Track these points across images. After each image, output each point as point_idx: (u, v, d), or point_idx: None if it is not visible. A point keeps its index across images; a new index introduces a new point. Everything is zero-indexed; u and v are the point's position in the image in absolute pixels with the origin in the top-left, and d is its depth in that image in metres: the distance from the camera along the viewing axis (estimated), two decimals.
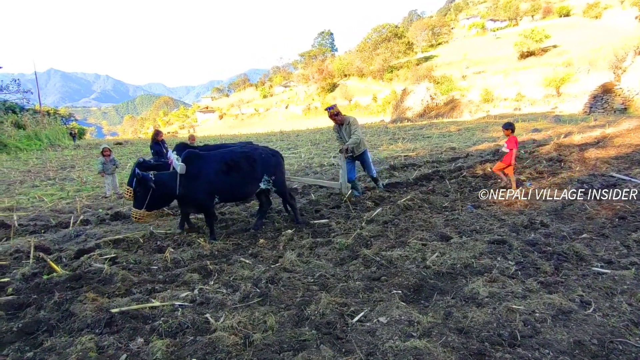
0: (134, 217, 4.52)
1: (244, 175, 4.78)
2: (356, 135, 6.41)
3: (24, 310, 3.14)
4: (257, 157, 4.92)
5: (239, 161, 4.78)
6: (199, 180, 4.53)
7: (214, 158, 4.73)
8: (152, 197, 4.44)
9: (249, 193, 5.02)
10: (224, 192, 4.72)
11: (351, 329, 2.65)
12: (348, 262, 3.85)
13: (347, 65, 73.88)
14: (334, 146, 16.16)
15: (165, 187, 4.49)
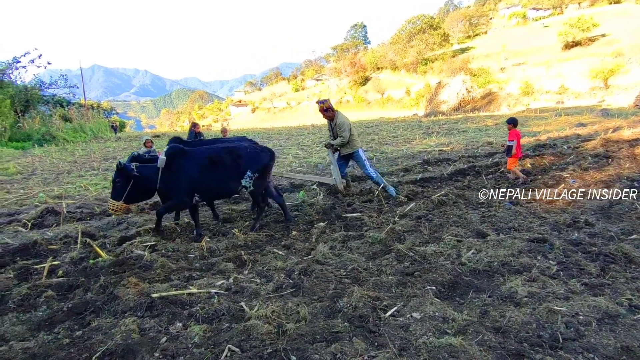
0: (111, 209, 4.44)
1: (227, 172, 4.63)
2: (342, 137, 6.27)
3: (73, 291, 3.35)
4: (243, 153, 4.73)
5: (222, 157, 4.64)
6: (179, 176, 4.45)
7: (197, 154, 4.62)
8: (132, 189, 4.37)
9: (231, 190, 4.88)
10: (204, 189, 4.61)
11: (384, 323, 2.64)
12: (381, 257, 3.83)
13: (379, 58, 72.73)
14: (365, 139, 16.03)
15: (146, 180, 4.41)
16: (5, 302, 3.21)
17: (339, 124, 6.33)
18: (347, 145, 6.36)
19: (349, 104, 69.03)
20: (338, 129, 6.33)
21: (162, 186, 4.46)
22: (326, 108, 6.39)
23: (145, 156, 4.81)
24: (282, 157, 12.23)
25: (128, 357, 2.36)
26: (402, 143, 14.10)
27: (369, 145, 14.12)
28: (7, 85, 22.80)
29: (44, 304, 3.15)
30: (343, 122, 6.34)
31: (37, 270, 3.84)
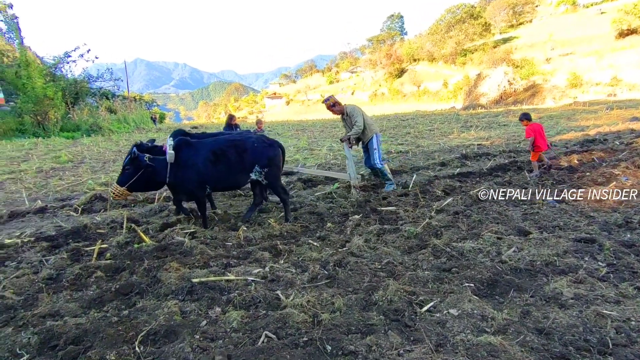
0: (113, 192, 4.46)
1: (232, 165, 4.64)
2: (356, 126, 6.12)
3: (119, 273, 3.54)
4: (249, 147, 4.73)
5: (227, 150, 4.65)
6: (188, 169, 4.50)
7: (203, 146, 4.65)
8: (139, 178, 4.42)
9: (239, 183, 4.91)
10: (213, 181, 4.64)
11: (420, 318, 2.61)
12: (416, 251, 3.77)
13: (416, 49, 70.95)
14: (400, 133, 15.77)
15: (155, 172, 4.47)
16: (59, 280, 3.45)
17: (349, 112, 6.22)
18: (364, 132, 6.24)
19: (383, 97, 68.04)
20: (350, 118, 6.20)
21: (174, 180, 4.51)
22: (333, 103, 6.27)
23: (148, 145, 4.83)
24: (317, 150, 12.26)
25: (171, 338, 2.47)
26: (438, 137, 13.76)
27: (405, 138, 13.88)
28: (59, 79, 24.20)
29: (93, 283, 3.35)
30: (354, 109, 6.24)
31: (88, 252, 4.09)
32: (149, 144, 4.87)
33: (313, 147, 12.95)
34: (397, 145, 12.25)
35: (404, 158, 9.56)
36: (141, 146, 4.70)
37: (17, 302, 3.05)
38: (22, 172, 9.16)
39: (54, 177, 8.64)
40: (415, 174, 7.30)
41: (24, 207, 6.08)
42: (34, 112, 20.27)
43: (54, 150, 13.58)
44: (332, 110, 6.33)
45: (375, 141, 6.28)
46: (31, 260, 3.94)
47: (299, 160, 10.07)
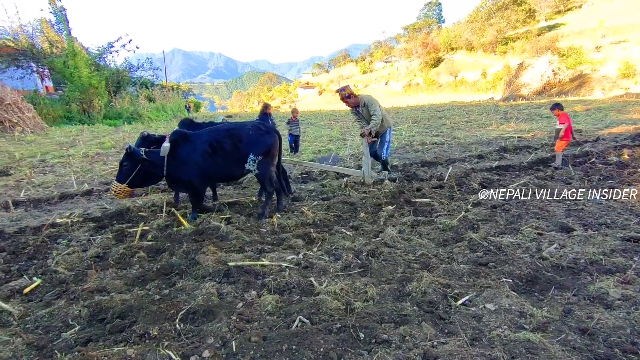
0: (114, 191, 4.42)
1: (228, 156, 4.50)
2: (376, 117, 5.88)
3: (160, 254, 3.70)
4: (244, 136, 4.56)
5: (222, 141, 4.50)
6: (185, 161, 4.41)
7: (198, 138, 4.53)
8: (138, 174, 4.34)
9: (234, 174, 4.77)
10: (211, 172, 4.56)
11: (455, 311, 2.57)
12: (452, 244, 3.70)
13: (454, 37, 68.51)
14: (436, 124, 15.38)
15: (153, 166, 4.39)
16: (106, 258, 3.65)
17: (367, 103, 5.98)
18: (381, 124, 6.07)
19: (418, 87, 66.51)
20: (369, 108, 5.96)
21: (171, 172, 4.42)
22: (348, 95, 6.04)
23: (154, 136, 4.78)
24: (351, 140, 12.20)
25: (209, 317, 2.57)
26: (476, 128, 13.31)
27: (440, 130, 13.53)
28: (103, 68, 25.27)
29: (136, 263, 3.53)
30: (370, 99, 6.01)
31: (131, 233, 4.29)
32: (155, 135, 4.82)
33: (346, 137, 12.88)
34: (432, 136, 11.97)
35: (439, 150, 9.33)
36: (148, 137, 4.67)
37: (69, 277, 3.26)
38: (70, 157, 9.70)
39: (99, 162, 9.09)
40: (450, 166, 7.12)
41: (73, 190, 6.45)
42: (80, 100, 21.33)
43: (98, 137, 14.26)
44: (346, 102, 6.06)
45: (389, 134, 6.19)
46: (80, 239, 4.20)
47: (331, 150, 10.06)
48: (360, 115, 6.21)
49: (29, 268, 3.51)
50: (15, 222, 4.92)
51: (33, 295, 3.02)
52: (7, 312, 2.70)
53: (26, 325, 2.58)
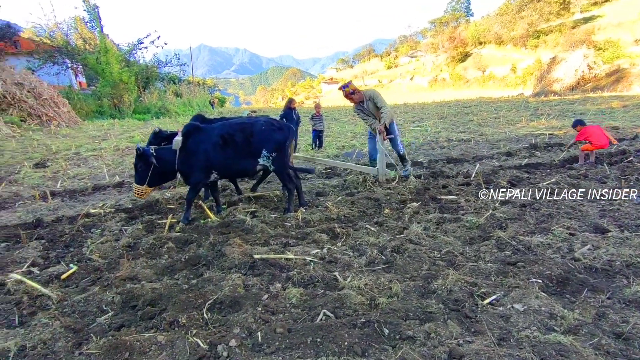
0: (136, 193, 4.49)
1: (239, 150, 4.47)
2: (385, 108, 5.69)
3: (188, 245, 3.80)
4: (256, 131, 4.54)
5: (234, 135, 4.48)
6: (196, 154, 4.40)
7: (211, 132, 4.51)
8: (154, 172, 4.37)
9: (246, 169, 4.70)
10: (220, 167, 4.52)
11: (481, 310, 2.53)
12: (478, 242, 3.63)
13: (483, 31, 66.58)
14: (462, 120, 15.06)
15: (165, 162, 4.39)
16: (137, 248, 3.78)
17: (373, 96, 5.79)
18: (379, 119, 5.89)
19: (444, 82, 65.17)
20: (375, 101, 5.77)
21: (180, 166, 4.43)
22: (352, 91, 5.86)
23: (166, 132, 4.79)
24: None
25: (235, 307, 2.63)
26: (504, 125, 12.95)
27: (467, 126, 13.24)
28: (133, 64, 25.99)
29: (166, 253, 3.64)
30: (375, 93, 5.80)
31: (160, 224, 4.43)
32: (167, 132, 4.85)
33: None
34: (458, 133, 11.73)
35: (465, 146, 9.14)
36: (160, 134, 4.69)
37: (103, 265, 3.40)
38: (102, 150, 10.07)
39: (129, 155, 9.39)
40: (478, 163, 6.96)
41: (105, 182, 6.70)
42: (111, 95, 22.05)
43: (128, 131, 14.72)
44: (350, 98, 5.87)
45: (395, 127, 6.02)
46: (112, 228, 4.36)
47: (355, 146, 10.02)
48: (366, 111, 5.98)
49: (65, 255, 3.68)
50: (52, 212, 5.16)
51: (70, 281, 3.17)
52: (46, 296, 2.84)
53: (64, 309, 2.71)
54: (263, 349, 2.18)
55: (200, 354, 2.12)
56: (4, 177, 7.21)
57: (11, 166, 8.17)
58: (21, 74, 15.98)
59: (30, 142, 11.25)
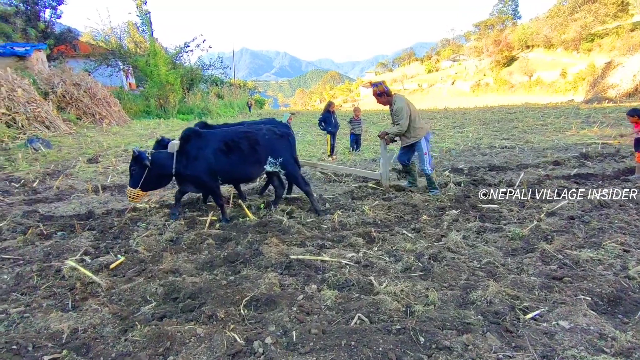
0: (129, 196, 4.50)
1: (244, 156, 4.46)
2: (398, 127, 5.42)
3: (227, 242, 3.91)
4: (260, 138, 4.55)
5: (238, 141, 4.46)
6: (196, 158, 4.36)
7: (213, 137, 4.50)
8: (148, 176, 4.37)
9: (251, 175, 4.75)
10: (223, 172, 4.47)
11: (523, 325, 2.42)
12: (522, 254, 3.49)
13: (531, 34, 63.65)
14: (506, 127, 14.50)
15: (160, 166, 4.38)
16: (179, 243, 3.94)
17: (396, 110, 5.42)
18: (406, 134, 5.52)
19: (488, 87, 63.01)
20: (395, 116, 5.47)
21: (182, 170, 4.39)
22: (380, 92, 5.53)
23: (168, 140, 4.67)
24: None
25: (271, 306, 2.67)
26: (552, 132, 12.33)
27: (511, 133, 12.72)
28: (179, 67, 27.17)
29: (205, 249, 3.77)
30: (401, 107, 5.39)
31: (201, 221, 4.59)
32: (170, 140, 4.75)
33: None
34: (501, 139, 11.31)
35: (509, 154, 8.79)
36: (162, 141, 4.68)
37: (147, 257, 3.57)
38: (149, 148, 10.57)
39: None
40: (522, 171, 6.68)
41: None
42: (158, 96, 23.14)
43: (173, 130, 15.36)
44: (378, 98, 5.62)
45: (425, 145, 5.52)
46: (156, 223, 4.57)
47: (393, 150, 9.90)
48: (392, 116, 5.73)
49: (114, 246, 3.89)
50: (103, 205, 5.48)
51: (117, 270, 3.36)
52: (96, 284, 3.02)
53: (111, 297, 2.88)
54: (297, 348, 2.21)
55: (237, 348, 2.18)
56: (61, 170, 7.75)
57: (68, 161, 8.77)
58: (79, 75, 17.11)
59: (85, 138, 12.02)
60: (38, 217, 4.89)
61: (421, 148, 5.51)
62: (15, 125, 11.40)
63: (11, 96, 11.77)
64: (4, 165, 8.03)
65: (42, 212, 5.12)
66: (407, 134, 5.52)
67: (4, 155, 8.96)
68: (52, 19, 24.36)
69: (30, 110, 12.10)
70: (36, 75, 15.29)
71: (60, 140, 11.53)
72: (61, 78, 15.64)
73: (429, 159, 5.55)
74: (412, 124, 5.45)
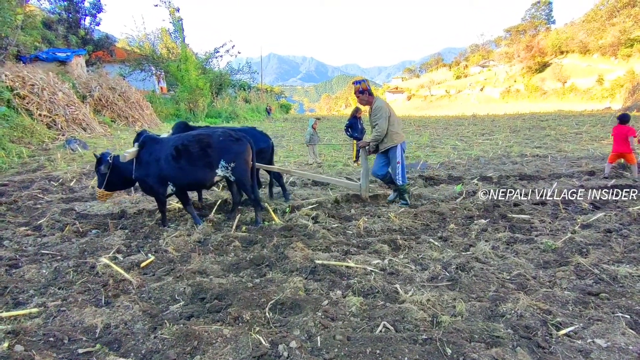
0: (97, 195, 4.68)
1: (194, 160, 4.37)
2: (376, 130, 5.19)
3: (252, 245, 3.96)
4: (213, 141, 4.44)
5: (189, 145, 4.38)
6: (149, 165, 4.37)
7: (166, 142, 4.47)
8: (111, 178, 4.49)
9: (203, 179, 4.53)
10: (173, 178, 4.39)
11: (556, 341, 2.33)
12: (554, 267, 3.36)
13: (565, 40, 61.49)
14: (538, 135, 14.05)
15: (121, 170, 4.48)
16: (206, 244, 4.03)
17: (375, 109, 5.22)
18: (384, 138, 5.29)
19: (518, 94, 61.28)
20: (373, 116, 5.23)
21: (137, 176, 4.46)
22: (362, 90, 5.28)
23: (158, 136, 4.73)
24: (440, 147, 11.75)
25: (295, 310, 2.68)
26: (587, 141, 11.86)
27: (543, 141, 12.32)
28: (208, 72, 27.85)
29: (232, 251, 3.83)
30: (381, 107, 5.18)
31: (228, 224, 4.67)
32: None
33: (435, 145, 12.43)
34: (533, 148, 10.97)
35: (541, 163, 8.51)
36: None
37: (176, 257, 3.66)
38: None
39: None
40: (555, 181, 6.45)
41: None
42: (188, 100, 23.78)
43: None
44: (359, 97, 5.37)
45: (399, 154, 5.27)
46: (186, 224, 4.68)
47: (420, 157, 9.79)
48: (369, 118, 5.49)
49: (144, 245, 4.02)
50: (134, 205, 5.67)
51: (148, 269, 3.46)
52: (128, 281, 3.13)
53: (142, 295, 2.96)
54: (322, 353, 2.20)
55: (262, 351, 2.20)
56: None
57: None
58: (114, 79, 17.85)
59: (118, 140, 12.49)
60: (74, 215, 5.12)
61: (395, 156, 5.28)
62: (55, 126, 11.98)
63: (52, 99, 12.40)
64: (44, 165, 8.45)
65: (78, 210, 5.35)
66: (384, 138, 5.30)
67: (44, 155, 9.43)
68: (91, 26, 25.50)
69: (69, 112, 12.69)
70: (75, 80, 16.04)
71: (95, 141, 12.03)
72: (98, 82, 16.34)
73: (402, 170, 5.31)
74: (390, 127, 5.23)
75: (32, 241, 4.12)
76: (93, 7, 24.86)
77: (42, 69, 14.04)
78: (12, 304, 2.84)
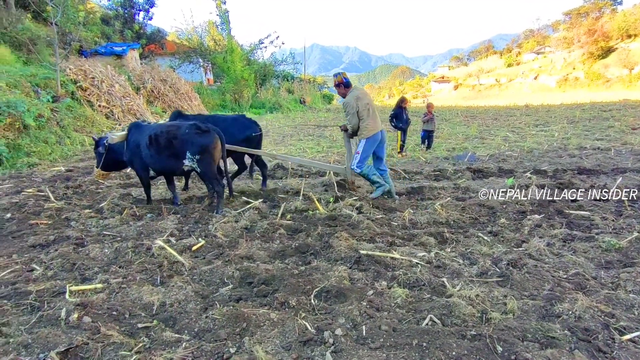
0: (95, 175, 5.34)
1: (161, 150, 4.68)
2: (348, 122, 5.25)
3: (297, 234, 4.02)
4: (179, 133, 4.64)
5: (158, 135, 4.69)
6: (133, 149, 4.85)
7: (146, 130, 4.83)
8: (107, 159, 5.05)
9: (172, 168, 4.87)
10: (149, 163, 4.82)
11: (619, 346, 2.18)
12: (618, 268, 3.13)
13: (634, 22, 56.28)
14: (600, 126, 13.05)
15: (114, 152, 5.01)
16: (253, 231, 4.14)
17: (343, 104, 5.21)
18: (357, 131, 5.26)
19: (577, 82, 57.11)
20: (344, 111, 5.26)
21: (126, 158, 4.97)
22: (338, 83, 5.27)
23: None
24: (489, 139, 11.25)
25: (340, 298, 2.70)
26: None
27: (605, 133, 11.43)
28: (253, 63, 28.34)
29: (278, 238, 3.91)
30: (347, 103, 5.12)
31: (273, 212, 4.77)
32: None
33: (484, 136, 11.91)
34: (593, 140, 10.22)
35: (603, 156, 7.91)
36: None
37: (225, 242, 3.80)
38: None
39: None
40: (619, 176, 5.98)
41: None
42: (234, 91, 24.39)
43: None
44: (338, 90, 5.41)
45: (362, 145, 5.19)
46: (233, 211, 4.83)
47: (467, 149, 9.43)
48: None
49: (195, 230, 4.20)
50: (185, 191, 5.93)
51: (198, 252, 3.62)
52: (181, 263, 3.29)
53: (193, 277, 3.11)
54: (367, 342, 2.21)
55: (308, 336, 2.24)
56: None
57: None
58: (165, 71, 18.64)
59: None
60: (131, 199, 5.44)
61: (359, 147, 5.23)
62: (113, 117, 12.76)
63: (110, 91, 13.19)
64: None
65: (135, 195, 5.68)
66: (357, 131, 5.30)
67: None
68: (144, 21, 26.69)
69: (125, 103, 13.46)
70: (130, 72, 16.94)
71: None
72: (151, 74, 17.16)
73: (359, 159, 5.20)
74: (361, 122, 5.15)
75: (95, 222, 4.44)
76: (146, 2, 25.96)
77: (101, 62, 14.95)
78: (80, 279, 3.09)
